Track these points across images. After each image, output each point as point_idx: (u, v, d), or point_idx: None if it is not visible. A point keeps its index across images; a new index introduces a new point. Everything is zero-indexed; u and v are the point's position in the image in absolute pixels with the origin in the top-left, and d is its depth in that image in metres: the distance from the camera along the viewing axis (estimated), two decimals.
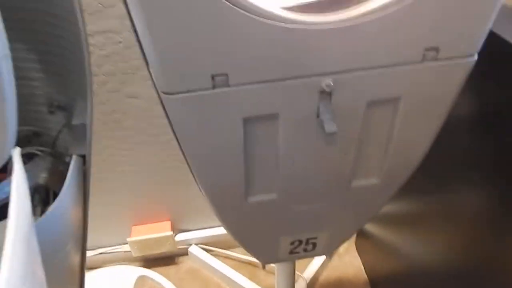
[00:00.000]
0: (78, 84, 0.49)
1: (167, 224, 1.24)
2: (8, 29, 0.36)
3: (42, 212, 0.51)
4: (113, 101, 0.92)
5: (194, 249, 1.31)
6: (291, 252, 0.74)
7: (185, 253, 1.32)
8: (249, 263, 1.28)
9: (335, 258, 1.29)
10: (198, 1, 0.35)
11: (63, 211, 0.50)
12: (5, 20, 0.35)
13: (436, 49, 0.43)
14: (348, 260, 1.28)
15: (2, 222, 0.43)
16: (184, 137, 0.47)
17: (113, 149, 1.02)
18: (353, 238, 1.34)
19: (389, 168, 0.57)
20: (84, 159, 0.51)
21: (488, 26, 0.43)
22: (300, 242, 0.71)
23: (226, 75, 0.41)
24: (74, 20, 0.45)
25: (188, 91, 0.42)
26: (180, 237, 1.29)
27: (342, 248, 1.32)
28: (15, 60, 0.38)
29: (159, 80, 0.41)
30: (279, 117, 0.47)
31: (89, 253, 1.26)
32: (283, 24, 0.38)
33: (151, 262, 1.30)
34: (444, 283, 0.80)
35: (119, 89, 0.90)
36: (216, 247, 1.30)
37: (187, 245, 1.31)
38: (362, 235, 1.27)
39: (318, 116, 0.47)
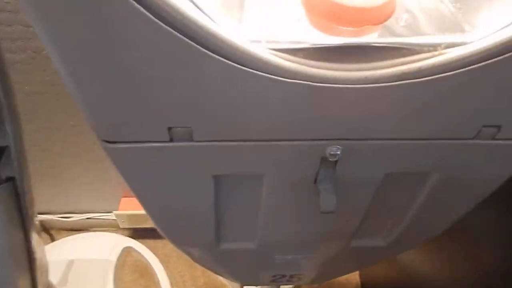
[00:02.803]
0: None
1: None
2: None
3: None
4: None
5: None
6: (273, 281, 0.62)
7: None
8: None
9: None
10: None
11: None
12: None
13: (498, 128, 0.29)
14: None
15: None
16: (136, 190, 0.34)
17: None
18: None
19: (401, 235, 0.44)
20: (13, 183, 0.39)
21: None
22: (284, 275, 0.59)
23: (190, 129, 0.28)
24: None
25: (137, 142, 0.29)
26: None
27: None
28: None
29: (95, 126, 0.28)
30: (264, 178, 0.34)
31: (75, 216, 1.18)
32: (277, 78, 0.24)
33: (139, 232, 1.21)
34: None
35: None
36: None
37: None
38: None
39: (315, 182, 0.34)
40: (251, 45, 0.22)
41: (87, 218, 1.19)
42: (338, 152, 0.30)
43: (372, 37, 0.25)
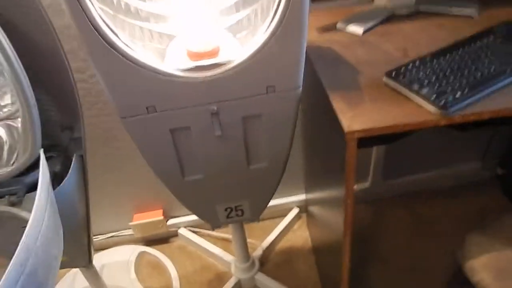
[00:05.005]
0: (75, 113, 0.80)
1: (160, 211, 1.54)
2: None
3: None
4: (110, 121, 1.23)
5: (182, 231, 1.60)
6: (228, 217, 1.03)
7: (175, 234, 1.61)
8: (223, 239, 1.57)
9: (290, 232, 1.58)
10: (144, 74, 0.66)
11: (70, 187, 0.81)
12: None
13: (273, 87, 0.73)
14: (299, 233, 1.57)
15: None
16: (136, 142, 0.77)
17: (115, 155, 1.33)
18: (305, 217, 1.62)
19: (271, 156, 0.86)
20: (82, 158, 0.82)
21: (301, 72, 0.73)
22: (231, 208, 1.00)
23: (154, 106, 0.72)
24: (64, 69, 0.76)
25: (132, 116, 0.72)
26: (171, 221, 1.59)
27: (296, 225, 1.61)
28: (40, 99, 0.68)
29: (116, 109, 0.72)
30: (191, 128, 0.77)
31: (101, 237, 1.57)
32: (184, 80, 0.68)
33: (149, 242, 1.60)
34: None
35: None
36: (199, 228, 1.59)
37: (177, 227, 1.60)
38: (311, 215, 1.55)
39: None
40: (173, 69, 0.67)
41: (110, 237, 1.58)
42: (215, 108, 0.74)
43: (212, 61, 0.70)
